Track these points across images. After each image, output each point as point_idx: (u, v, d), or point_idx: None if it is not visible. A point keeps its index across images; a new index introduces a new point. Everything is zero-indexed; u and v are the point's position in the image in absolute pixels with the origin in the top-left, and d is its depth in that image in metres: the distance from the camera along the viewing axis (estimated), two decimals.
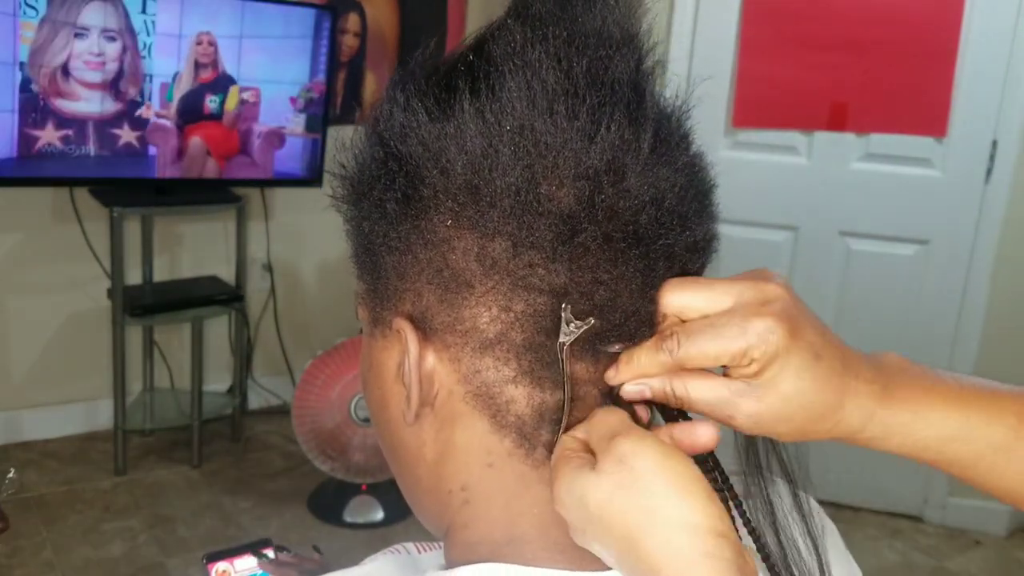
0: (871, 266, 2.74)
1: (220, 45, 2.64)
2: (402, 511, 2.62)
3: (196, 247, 3.07)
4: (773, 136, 2.72)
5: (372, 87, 3.19)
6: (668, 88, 0.52)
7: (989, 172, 2.60)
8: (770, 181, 2.75)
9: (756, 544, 0.51)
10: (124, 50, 2.51)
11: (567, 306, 0.47)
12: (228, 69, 2.67)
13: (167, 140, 2.65)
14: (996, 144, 2.58)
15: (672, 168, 0.49)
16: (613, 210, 0.47)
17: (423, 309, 0.50)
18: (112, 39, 2.48)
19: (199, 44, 2.61)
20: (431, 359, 0.50)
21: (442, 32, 3.26)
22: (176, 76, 2.61)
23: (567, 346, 0.48)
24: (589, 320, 0.48)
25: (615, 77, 0.48)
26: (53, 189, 2.75)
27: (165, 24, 2.54)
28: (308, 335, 3.22)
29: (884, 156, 2.67)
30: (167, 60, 2.58)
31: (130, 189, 2.72)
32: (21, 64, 2.37)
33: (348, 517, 2.64)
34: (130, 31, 2.50)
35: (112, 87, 2.53)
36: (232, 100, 2.70)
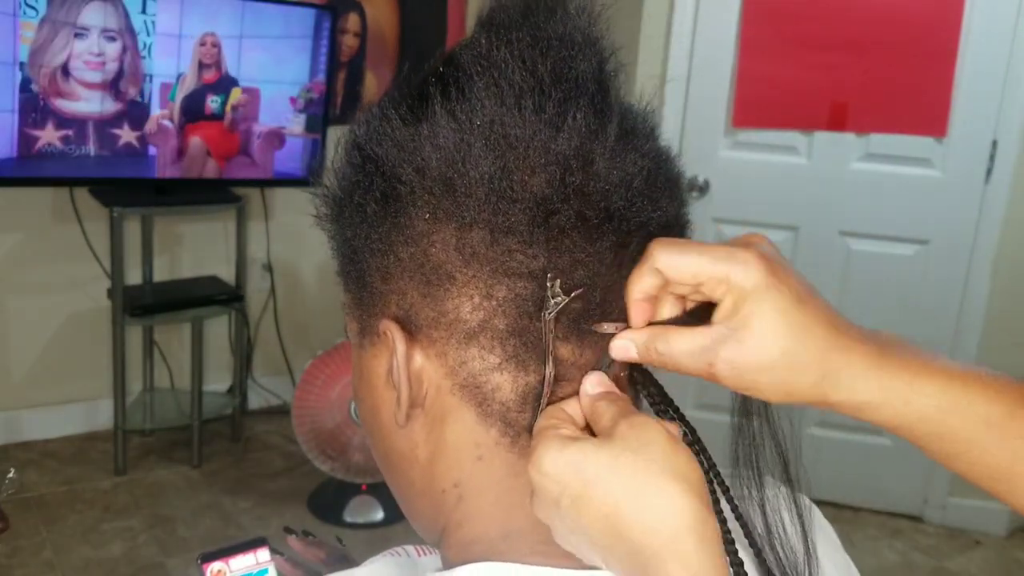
0: (871, 266, 2.75)
1: (222, 45, 2.64)
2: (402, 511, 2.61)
3: (196, 247, 3.07)
4: (773, 136, 2.72)
5: (372, 87, 3.19)
6: (644, 90, 0.53)
7: (989, 172, 2.61)
8: (770, 181, 2.74)
9: (743, 529, 0.52)
10: (124, 50, 2.51)
11: (554, 280, 0.48)
12: (230, 70, 2.67)
13: (167, 140, 2.65)
14: (996, 144, 2.59)
15: (639, 154, 0.50)
16: (584, 191, 0.48)
17: (407, 308, 0.51)
18: (112, 39, 2.48)
19: (203, 45, 2.61)
20: (419, 357, 0.52)
21: (442, 32, 3.26)
22: (180, 77, 2.61)
23: (551, 319, 0.49)
24: (572, 294, 0.49)
25: (579, 74, 0.49)
26: (53, 189, 2.75)
27: (165, 24, 2.54)
28: (308, 335, 3.22)
29: (884, 156, 2.67)
30: (167, 60, 2.58)
31: (130, 189, 2.72)
32: (21, 64, 2.37)
33: (348, 517, 2.64)
34: (130, 31, 2.50)
35: (112, 87, 2.53)
36: (234, 100, 2.70)
